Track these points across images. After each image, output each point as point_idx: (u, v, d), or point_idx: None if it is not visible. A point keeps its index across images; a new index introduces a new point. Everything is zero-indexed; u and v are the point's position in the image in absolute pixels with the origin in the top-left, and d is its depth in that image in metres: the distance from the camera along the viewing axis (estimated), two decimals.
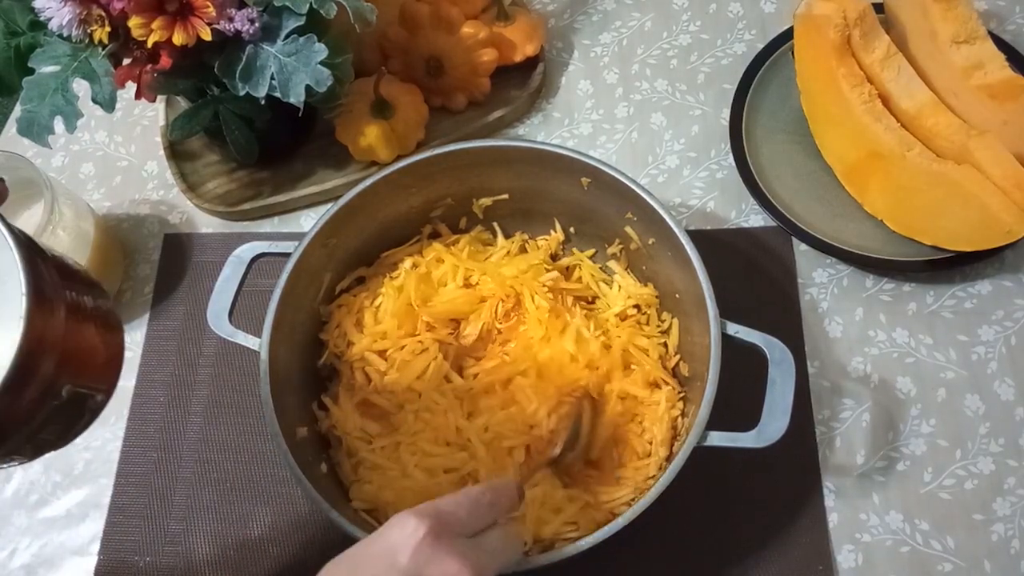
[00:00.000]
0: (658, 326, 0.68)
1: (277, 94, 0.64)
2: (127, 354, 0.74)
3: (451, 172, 0.67)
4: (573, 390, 0.63)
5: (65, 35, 0.61)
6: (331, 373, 0.68)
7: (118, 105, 0.66)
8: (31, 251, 0.32)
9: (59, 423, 0.34)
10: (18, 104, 0.66)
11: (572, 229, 0.72)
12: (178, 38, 0.61)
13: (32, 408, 0.32)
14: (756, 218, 0.75)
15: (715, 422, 0.55)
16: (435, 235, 0.72)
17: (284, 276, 0.61)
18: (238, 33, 0.63)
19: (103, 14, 0.61)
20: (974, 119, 0.70)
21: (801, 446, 0.66)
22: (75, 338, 0.33)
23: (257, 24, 0.63)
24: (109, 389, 0.37)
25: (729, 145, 0.76)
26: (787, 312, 0.71)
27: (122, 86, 0.63)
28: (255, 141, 0.74)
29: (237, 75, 0.64)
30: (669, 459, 0.60)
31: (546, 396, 0.63)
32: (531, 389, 0.63)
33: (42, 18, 0.61)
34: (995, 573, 0.61)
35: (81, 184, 0.83)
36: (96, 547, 0.68)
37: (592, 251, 0.71)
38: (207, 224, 0.80)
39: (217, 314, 0.61)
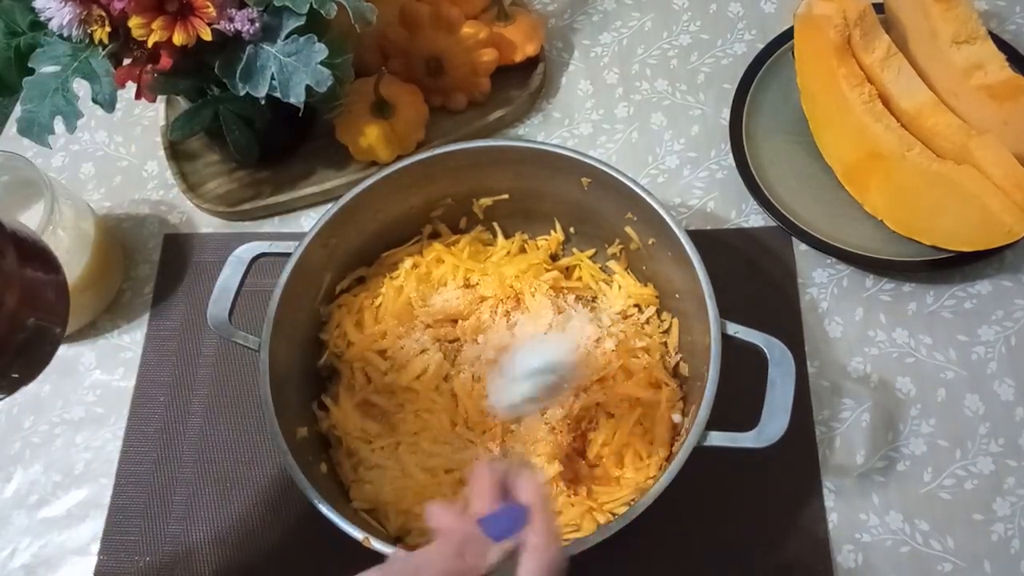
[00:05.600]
0: (658, 326, 0.68)
1: (277, 94, 0.64)
2: (127, 354, 0.74)
3: (451, 172, 0.67)
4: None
5: (65, 35, 0.61)
6: (331, 373, 0.68)
7: (118, 105, 0.66)
8: None
9: (27, 356, 0.41)
10: (18, 104, 0.66)
11: (572, 229, 0.72)
12: (178, 38, 0.61)
13: (4, 341, 0.39)
14: (756, 218, 0.75)
15: (715, 422, 0.55)
16: (435, 235, 0.72)
17: (284, 276, 0.61)
18: (238, 33, 0.63)
19: (103, 14, 0.61)
20: (974, 119, 0.70)
21: (801, 446, 0.66)
22: (29, 278, 0.40)
23: (257, 24, 0.63)
24: (63, 322, 0.43)
25: (729, 145, 0.76)
26: (787, 312, 0.71)
27: (122, 86, 0.63)
28: (255, 141, 0.74)
29: (237, 75, 0.64)
30: (669, 459, 0.60)
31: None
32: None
33: (42, 18, 0.61)
34: (995, 573, 0.61)
35: (81, 184, 0.83)
36: (96, 547, 0.67)
37: (592, 251, 0.71)
38: (207, 224, 0.80)
39: (217, 314, 0.61)
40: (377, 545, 0.53)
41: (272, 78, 0.64)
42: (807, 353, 0.69)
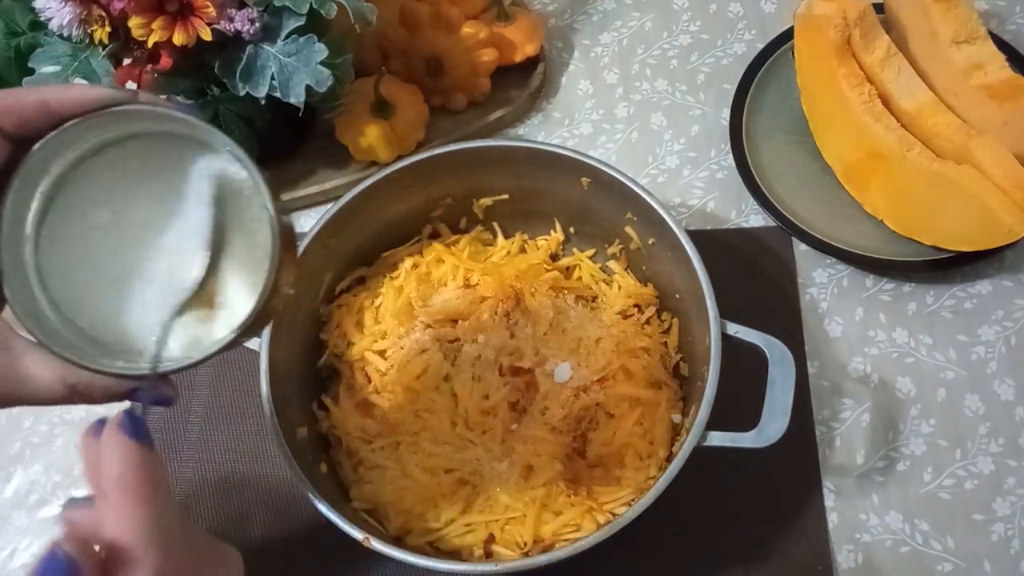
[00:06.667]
0: (658, 326, 0.68)
1: (277, 94, 0.64)
2: None
3: (451, 172, 0.67)
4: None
5: (65, 35, 0.61)
6: (331, 373, 0.68)
7: None
8: (275, 201, 0.41)
9: (267, 320, 0.44)
10: None
11: (572, 229, 0.72)
12: (178, 38, 0.61)
13: (274, 310, 0.42)
14: (756, 218, 0.75)
15: (715, 422, 0.55)
16: (435, 235, 0.72)
17: None
18: (238, 33, 0.63)
19: (103, 14, 0.61)
20: (974, 119, 0.70)
21: (801, 446, 0.66)
22: (289, 257, 0.42)
23: (257, 24, 0.63)
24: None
25: (729, 145, 0.76)
26: (787, 312, 0.71)
27: (122, 86, 0.63)
28: (255, 141, 0.74)
29: (237, 75, 0.64)
30: (669, 459, 0.60)
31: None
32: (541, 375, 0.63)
33: (42, 18, 0.61)
34: (995, 573, 0.61)
35: None
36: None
37: (592, 251, 0.71)
38: None
39: None
40: (377, 545, 0.53)
41: (272, 78, 0.64)
42: (807, 353, 0.69)
